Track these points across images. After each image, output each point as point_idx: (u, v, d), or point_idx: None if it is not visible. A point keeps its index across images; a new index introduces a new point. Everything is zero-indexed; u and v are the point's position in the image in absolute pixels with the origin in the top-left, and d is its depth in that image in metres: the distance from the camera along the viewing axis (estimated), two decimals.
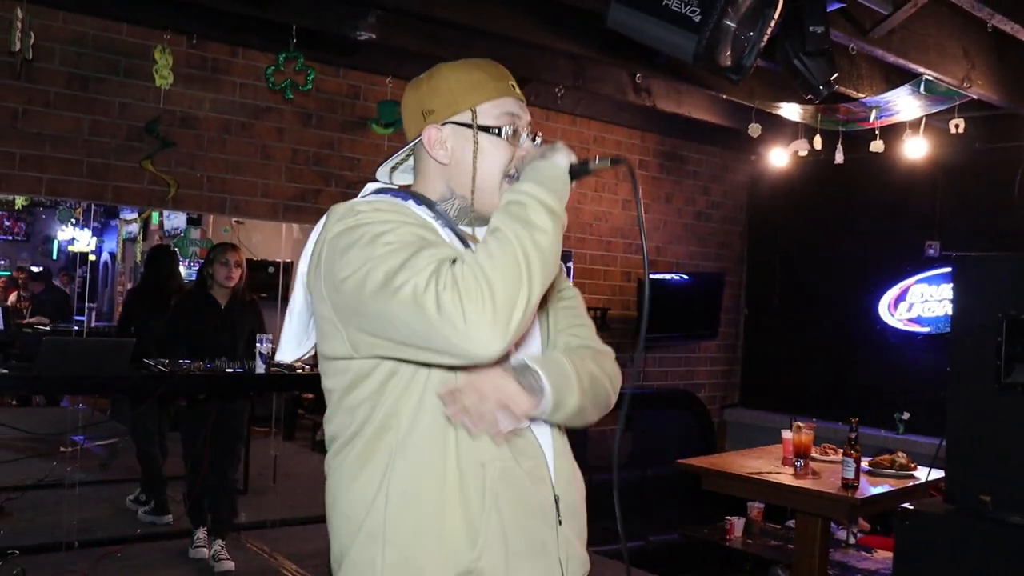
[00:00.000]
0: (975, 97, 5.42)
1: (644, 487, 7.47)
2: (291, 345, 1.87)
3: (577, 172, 1.72)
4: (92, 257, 11.35)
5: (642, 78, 6.13)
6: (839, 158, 6.30)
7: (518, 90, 1.87)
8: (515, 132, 1.81)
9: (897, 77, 5.32)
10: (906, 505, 3.18)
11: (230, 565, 5.32)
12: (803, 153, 6.73)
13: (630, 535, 6.36)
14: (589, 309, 2.06)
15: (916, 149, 6.22)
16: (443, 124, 1.80)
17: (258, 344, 4.54)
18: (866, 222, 7.64)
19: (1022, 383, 2.87)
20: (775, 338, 8.50)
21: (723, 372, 8.86)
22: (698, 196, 8.45)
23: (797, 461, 4.25)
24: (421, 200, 1.79)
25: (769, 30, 2.63)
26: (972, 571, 2.99)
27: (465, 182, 1.80)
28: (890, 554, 6.02)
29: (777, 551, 6.14)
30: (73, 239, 12.76)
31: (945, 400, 3.12)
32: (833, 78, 3.20)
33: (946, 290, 7.12)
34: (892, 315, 7.52)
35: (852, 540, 6.31)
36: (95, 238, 11.81)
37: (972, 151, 6.76)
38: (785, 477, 4.03)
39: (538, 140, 1.86)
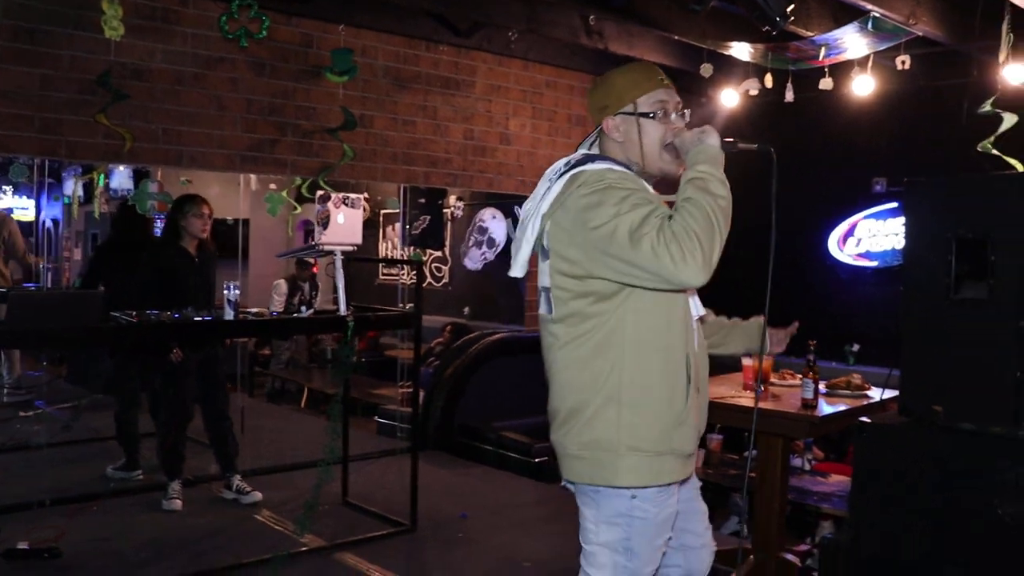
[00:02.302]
0: (920, 34, 5.54)
1: None
2: (520, 267, 2.61)
3: (727, 149, 2.48)
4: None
5: (595, 20, 6.18)
6: (789, 96, 6.42)
7: (666, 81, 2.63)
8: (665, 113, 2.59)
9: (845, 15, 5.42)
10: (863, 419, 3.32)
11: (258, 495, 5.70)
12: (754, 92, 6.84)
13: None
14: None
15: (864, 87, 6.35)
16: (615, 115, 2.59)
17: (226, 291, 4.57)
18: (815, 160, 7.78)
19: (970, 298, 2.99)
20: (728, 276, 8.63)
21: None
22: None
23: (759, 387, 4.38)
24: (625, 166, 2.55)
25: None
26: (927, 477, 3.14)
27: (636, 152, 2.59)
28: (844, 478, 6.25)
29: (737, 479, 6.34)
30: (11, 209, 12.55)
31: (897, 326, 3.25)
32: (790, 9, 3.29)
33: (893, 225, 7.31)
34: (841, 250, 7.71)
35: (807, 467, 6.52)
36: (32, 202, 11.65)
37: (917, 88, 6.91)
38: (747, 400, 4.17)
39: (686, 114, 2.64)
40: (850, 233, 7.66)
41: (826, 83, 6.24)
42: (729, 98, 7.39)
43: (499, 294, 10.20)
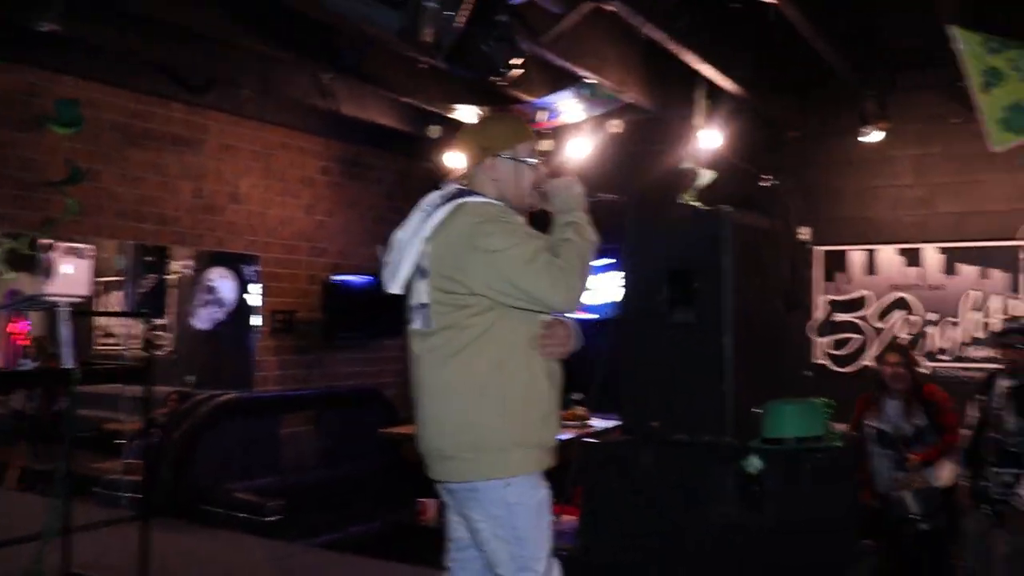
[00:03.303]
0: (631, 101, 6.11)
1: (337, 485, 7.63)
2: (398, 284, 2.86)
3: (590, 199, 2.89)
4: None
5: (328, 81, 6.33)
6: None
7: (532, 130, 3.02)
8: (536, 160, 2.93)
9: (563, 81, 5.90)
10: (588, 439, 3.64)
11: None
12: None
13: (328, 529, 6.55)
14: (276, 311, 3.24)
15: (580, 149, 6.88)
16: (495, 156, 2.88)
17: None
18: (539, 220, 8.24)
19: (682, 321, 3.38)
20: None
21: (407, 370, 9.17)
22: (380, 201, 8.75)
23: None
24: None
25: (465, 12, 2.99)
26: (648, 487, 3.47)
27: (510, 191, 2.89)
28: (572, 518, 6.60)
29: None
30: None
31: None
32: (517, 61, 3.59)
33: (608, 279, 7.88)
34: None
35: None
36: None
37: (627, 153, 7.54)
38: None
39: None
40: None
41: (548, 144, 6.73)
42: (455, 159, 7.70)
43: (228, 355, 9.96)
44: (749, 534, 3.30)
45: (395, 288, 2.89)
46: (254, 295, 7.73)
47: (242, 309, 7.74)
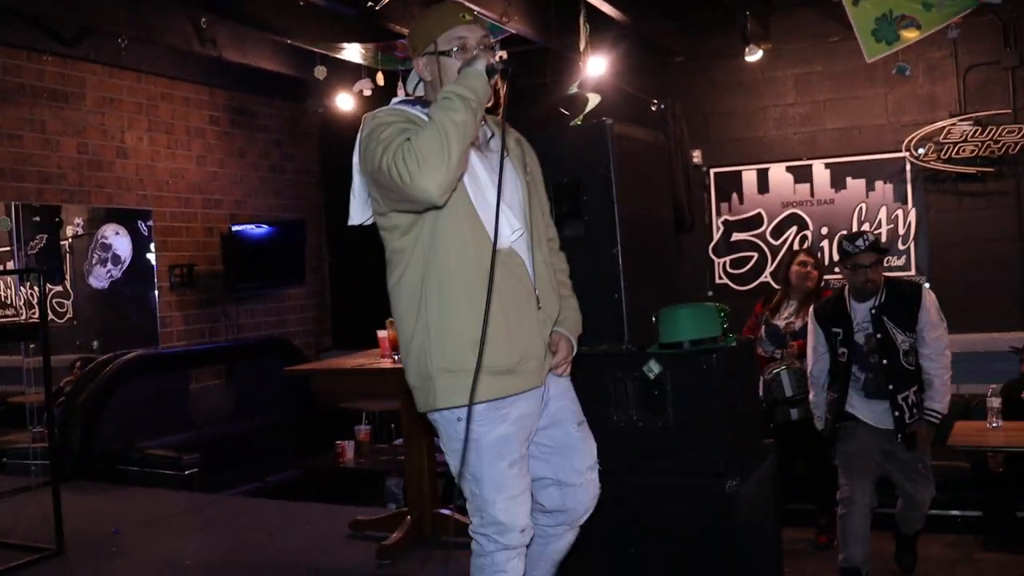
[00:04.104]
0: (514, 32, 6.12)
1: (253, 436, 7.62)
2: (357, 213, 2.75)
3: (490, 71, 2.50)
4: None
5: (207, 24, 6.19)
6: (400, 94, 6.76)
7: (468, 17, 2.66)
8: (464, 48, 2.61)
9: None
10: None
11: None
12: (368, 92, 7.13)
13: (248, 479, 6.56)
14: (175, 266, 2.99)
15: None
16: (420, 56, 2.67)
17: None
18: None
19: (572, 236, 3.43)
20: (360, 279, 8.90)
21: (314, 318, 9.18)
22: (271, 149, 8.65)
23: (395, 354, 4.63)
24: (425, 105, 2.57)
25: None
26: None
27: (439, 90, 2.51)
28: None
29: (389, 464, 6.60)
30: None
31: None
32: None
33: None
34: None
35: None
36: None
37: (514, 85, 7.55)
38: (388, 363, 4.42)
39: (495, 48, 2.73)
40: None
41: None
42: (344, 102, 7.62)
43: (130, 314, 9.77)
44: (653, 435, 3.41)
45: (353, 221, 2.78)
46: (151, 251, 7.58)
47: (140, 266, 7.61)
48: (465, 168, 2.51)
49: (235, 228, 7.90)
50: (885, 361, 4.66)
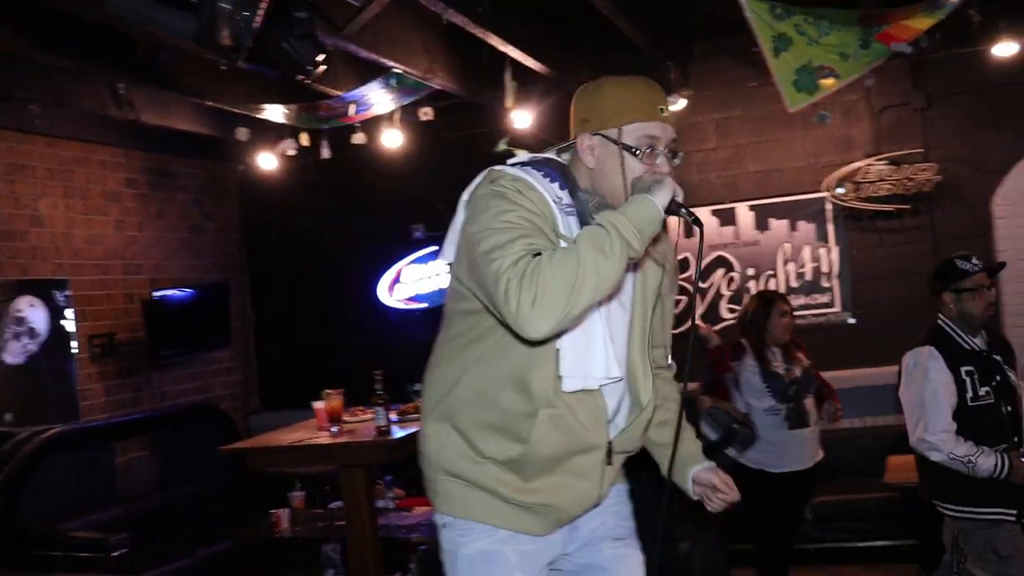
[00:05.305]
0: (439, 87, 6.09)
1: (182, 507, 7.38)
2: (451, 251, 2.27)
3: (672, 211, 2.12)
4: None
5: (124, 89, 6.04)
6: (325, 153, 6.73)
7: (666, 113, 2.24)
8: (652, 151, 2.20)
9: (370, 72, 5.83)
10: None
11: None
12: (291, 153, 7.06)
13: (179, 555, 6.31)
14: (94, 336, 2.61)
15: (393, 140, 6.84)
16: (594, 134, 2.22)
17: None
18: (359, 213, 8.18)
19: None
20: (286, 338, 8.78)
21: (240, 381, 8.95)
22: (191, 210, 8.45)
23: (332, 426, 4.55)
24: (567, 184, 2.21)
25: (261, 12, 2.88)
26: None
27: (606, 185, 2.22)
28: (427, 508, 6.58)
29: (326, 530, 6.42)
30: None
31: None
32: (321, 58, 3.52)
33: (434, 267, 7.90)
34: (391, 297, 8.16)
35: (392, 505, 6.78)
36: None
37: (442, 139, 7.56)
38: (325, 439, 4.32)
39: (678, 158, 2.25)
40: (397, 280, 8.14)
41: (359, 138, 6.64)
42: (267, 162, 7.53)
43: (49, 387, 9.43)
44: None
45: (446, 258, 2.33)
46: (69, 321, 7.32)
47: (57, 337, 7.33)
48: (582, 321, 2.11)
49: (156, 294, 7.67)
50: (1009, 408, 3.83)
